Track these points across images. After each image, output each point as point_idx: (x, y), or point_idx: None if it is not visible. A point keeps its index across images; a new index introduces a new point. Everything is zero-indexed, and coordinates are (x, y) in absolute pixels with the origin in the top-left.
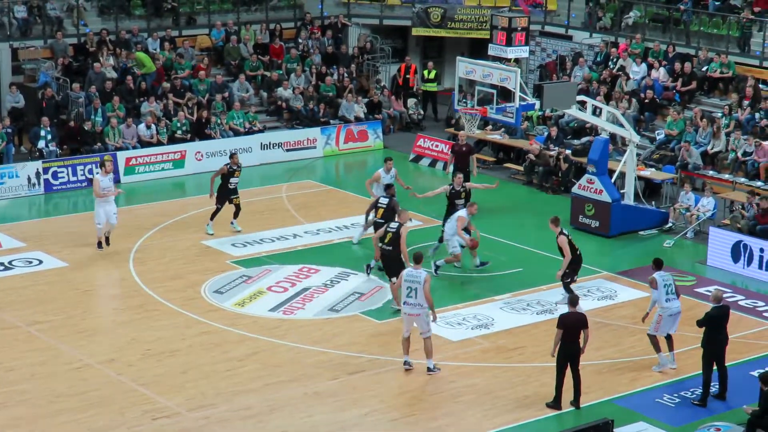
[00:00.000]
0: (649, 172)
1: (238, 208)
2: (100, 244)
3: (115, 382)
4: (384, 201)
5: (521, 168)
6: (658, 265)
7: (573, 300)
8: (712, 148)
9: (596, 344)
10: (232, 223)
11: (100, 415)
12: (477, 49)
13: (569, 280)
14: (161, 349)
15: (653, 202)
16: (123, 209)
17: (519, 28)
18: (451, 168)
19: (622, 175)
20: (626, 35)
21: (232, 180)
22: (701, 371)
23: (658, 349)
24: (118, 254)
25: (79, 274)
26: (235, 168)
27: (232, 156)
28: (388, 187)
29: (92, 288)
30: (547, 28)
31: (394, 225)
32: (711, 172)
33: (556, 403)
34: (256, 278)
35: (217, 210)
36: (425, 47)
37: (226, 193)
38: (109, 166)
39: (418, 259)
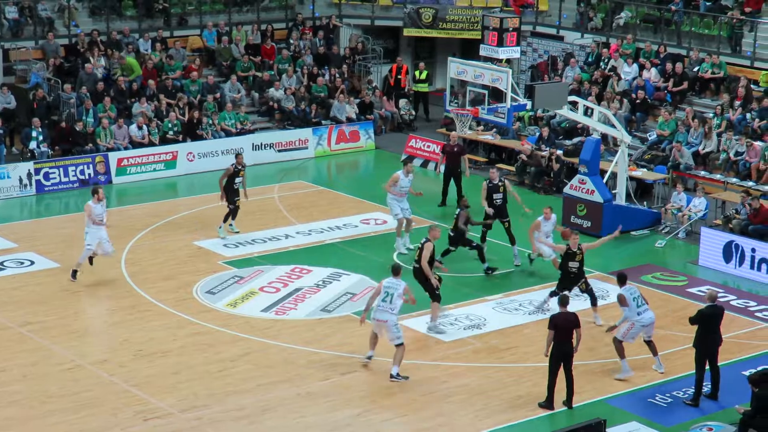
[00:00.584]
0: (640, 173)
1: (236, 209)
2: (74, 274)
3: (107, 382)
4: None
5: (513, 168)
6: (622, 280)
7: (563, 300)
8: (703, 149)
9: (589, 344)
10: (230, 225)
11: (92, 416)
12: (468, 50)
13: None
14: (153, 350)
15: (645, 203)
16: (115, 210)
17: (510, 29)
18: (442, 168)
19: (614, 175)
20: (617, 36)
21: (236, 180)
22: (693, 371)
23: (621, 355)
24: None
25: (71, 274)
26: (240, 168)
27: (237, 156)
28: (460, 198)
29: (84, 289)
30: (539, 29)
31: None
32: (702, 173)
33: (548, 404)
34: (249, 279)
35: (231, 211)
36: (417, 48)
37: (232, 193)
38: (101, 194)
39: (396, 271)
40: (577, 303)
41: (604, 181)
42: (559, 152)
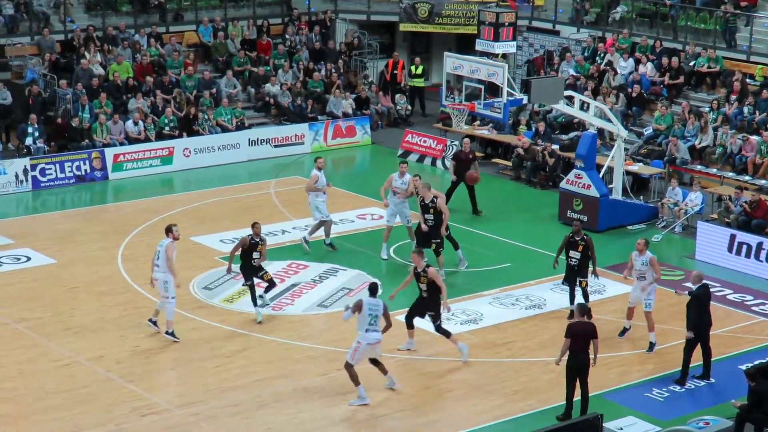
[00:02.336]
0: (637, 167)
1: (271, 283)
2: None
3: (104, 379)
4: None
5: (509, 163)
6: (373, 291)
7: (582, 309)
8: (699, 143)
9: None
10: (261, 296)
11: (88, 412)
12: (464, 45)
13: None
14: (149, 346)
15: (641, 197)
16: (111, 206)
17: (506, 24)
18: (451, 170)
19: (610, 170)
20: (613, 30)
21: (254, 255)
22: (685, 351)
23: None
24: (107, 251)
25: (67, 271)
26: (257, 241)
27: (254, 226)
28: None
29: (80, 285)
30: (535, 24)
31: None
32: (699, 167)
33: (566, 416)
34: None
35: (250, 288)
36: (413, 43)
37: (251, 271)
38: (176, 233)
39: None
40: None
41: (601, 175)
42: (555, 147)
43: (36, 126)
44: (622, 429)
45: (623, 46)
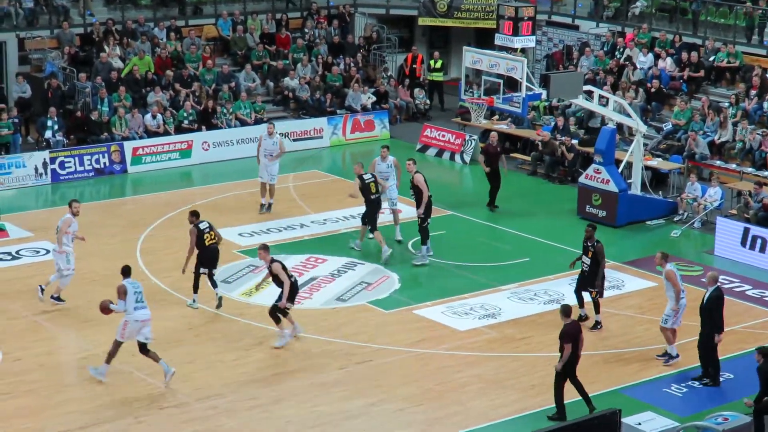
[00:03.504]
0: (656, 162)
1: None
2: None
3: (123, 372)
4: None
5: (528, 158)
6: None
7: (566, 310)
8: (719, 138)
9: (603, 334)
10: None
11: (107, 405)
12: (483, 39)
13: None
14: (168, 339)
15: (660, 192)
16: (129, 199)
17: (525, 18)
18: (484, 164)
19: (629, 165)
20: (633, 25)
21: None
22: (705, 358)
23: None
24: (125, 244)
25: (86, 263)
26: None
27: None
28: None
29: (99, 278)
30: (554, 18)
31: None
32: (718, 162)
33: (560, 416)
34: (264, 268)
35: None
36: (432, 37)
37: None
38: (75, 208)
39: (126, 272)
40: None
41: (620, 170)
42: (574, 142)
43: (55, 119)
44: (640, 424)
45: (643, 41)
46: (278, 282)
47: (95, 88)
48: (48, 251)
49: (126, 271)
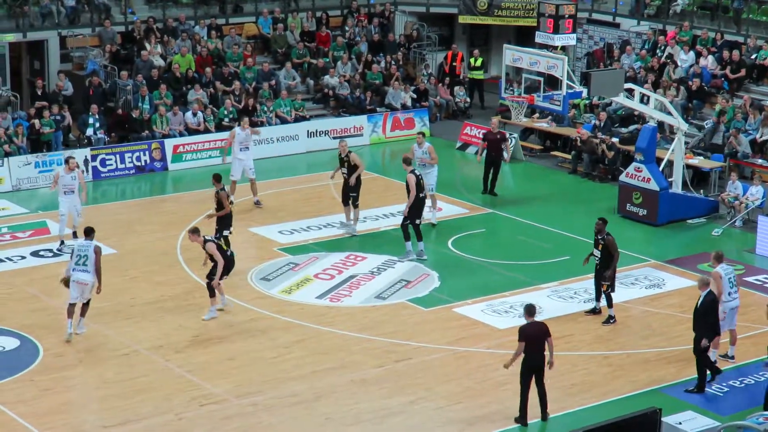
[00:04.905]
0: (697, 161)
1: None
2: (62, 244)
3: (163, 368)
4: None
5: (568, 156)
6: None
7: (530, 310)
8: (760, 137)
9: (644, 333)
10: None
11: (147, 401)
12: (524, 37)
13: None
14: (208, 336)
15: (701, 191)
16: (170, 196)
17: (566, 16)
18: (483, 154)
19: (670, 163)
20: (674, 23)
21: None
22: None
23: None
24: (166, 241)
25: (127, 260)
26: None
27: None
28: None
29: (140, 274)
30: (595, 16)
31: None
32: (760, 161)
33: (522, 419)
34: (303, 265)
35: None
36: (472, 35)
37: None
38: (72, 164)
39: (88, 233)
40: (632, 291)
41: (661, 169)
42: (615, 140)
43: (96, 117)
44: (681, 424)
45: (684, 39)
46: (212, 261)
47: (136, 86)
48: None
49: (87, 232)
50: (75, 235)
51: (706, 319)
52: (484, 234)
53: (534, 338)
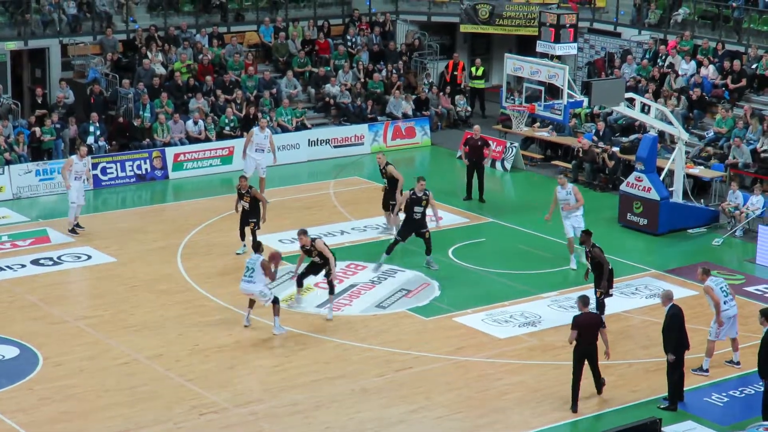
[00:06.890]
0: (697, 170)
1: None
2: (78, 227)
3: (163, 377)
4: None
5: (569, 165)
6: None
7: (584, 300)
8: (761, 147)
9: (644, 343)
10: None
11: (147, 410)
12: (525, 46)
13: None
14: (209, 345)
15: (702, 200)
16: (171, 205)
17: (567, 25)
18: (464, 157)
19: (671, 172)
20: (675, 32)
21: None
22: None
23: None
24: (166, 250)
25: (128, 269)
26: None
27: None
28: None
29: (140, 283)
30: (596, 25)
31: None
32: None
33: (573, 406)
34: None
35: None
36: (473, 44)
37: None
38: (83, 151)
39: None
40: (633, 301)
41: (661, 178)
42: (615, 149)
43: (97, 125)
44: None
45: (685, 49)
46: (321, 258)
47: (137, 95)
48: (90, 257)
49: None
50: (76, 228)
51: (670, 334)
52: (485, 243)
53: (586, 328)
